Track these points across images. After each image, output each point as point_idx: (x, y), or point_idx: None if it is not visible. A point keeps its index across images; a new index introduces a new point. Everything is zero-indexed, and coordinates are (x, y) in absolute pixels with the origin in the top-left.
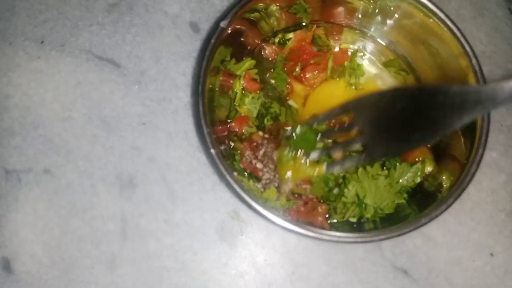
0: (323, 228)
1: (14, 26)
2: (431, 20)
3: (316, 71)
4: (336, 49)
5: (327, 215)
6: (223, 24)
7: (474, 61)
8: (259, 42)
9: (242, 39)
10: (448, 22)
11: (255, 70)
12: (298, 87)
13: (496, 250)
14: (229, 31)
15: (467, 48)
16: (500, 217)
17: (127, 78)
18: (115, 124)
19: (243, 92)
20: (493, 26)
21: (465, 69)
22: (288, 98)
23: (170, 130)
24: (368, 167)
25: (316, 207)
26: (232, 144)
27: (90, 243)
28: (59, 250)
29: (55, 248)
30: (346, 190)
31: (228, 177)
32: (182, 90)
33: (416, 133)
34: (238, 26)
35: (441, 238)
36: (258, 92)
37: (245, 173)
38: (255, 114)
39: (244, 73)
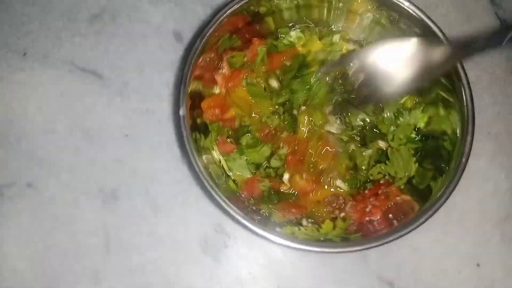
0: None
1: None
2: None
3: None
4: None
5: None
6: (181, 112)
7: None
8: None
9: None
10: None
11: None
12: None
13: (482, 261)
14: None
15: None
16: (487, 227)
17: (110, 89)
18: (98, 136)
19: (225, 158)
20: (480, 32)
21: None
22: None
23: (153, 142)
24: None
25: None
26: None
27: (73, 257)
28: (42, 264)
29: (38, 263)
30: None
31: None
32: (165, 101)
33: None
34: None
35: (427, 249)
36: (235, 151)
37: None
38: (249, 174)
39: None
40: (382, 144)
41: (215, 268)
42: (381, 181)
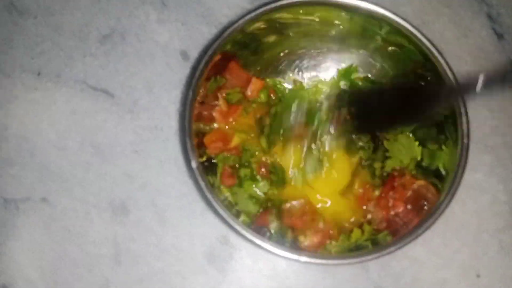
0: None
1: (12, 59)
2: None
3: None
4: None
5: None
6: (194, 165)
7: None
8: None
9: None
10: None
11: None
12: None
13: (482, 272)
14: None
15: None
16: (485, 238)
17: (120, 107)
18: (108, 152)
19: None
20: (477, 47)
21: None
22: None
23: (161, 158)
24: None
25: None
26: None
27: (84, 267)
28: (54, 275)
29: (50, 273)
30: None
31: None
32: (173, 119)
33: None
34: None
35: (427, 260)
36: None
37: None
38: (254, 210)
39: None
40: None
41: (220, 279)
42: (394, 174)
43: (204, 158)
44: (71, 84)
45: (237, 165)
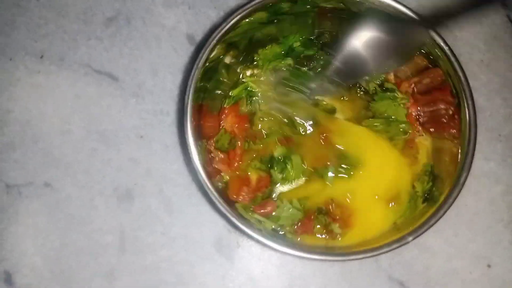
0: None
1: (15, 41)
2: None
3: None
4: None
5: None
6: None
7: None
8: None
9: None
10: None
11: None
12: None
13: (493, 262)
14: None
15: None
16: (497, 228)
17: (124, 91)
18: (113, 137)
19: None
20: (491, 34)
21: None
22: None
23: (167, 143)
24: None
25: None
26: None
27: (89, 255)
28: (59, 262)
29: (55, 261)
30: None
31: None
32: (179, 102)
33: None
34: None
35: (438, 249)
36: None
37: None
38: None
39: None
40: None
41: (228, 267)
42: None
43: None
44: (75, 68)
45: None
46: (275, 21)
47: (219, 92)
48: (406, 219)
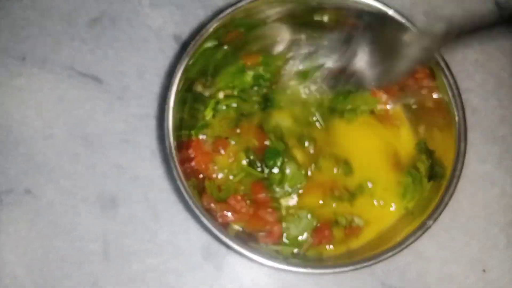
0: None
1: None
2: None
3: None
4: None
5: None
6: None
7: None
8: None
9: None
10: None
11: None
12: None
13: (489, 266)
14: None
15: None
16: (493, 232)
17: (109, 94)
18: (98, 142)
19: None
20: (485, 34)
21: None
22: None
23: (153, 148)
24: None
25: None
26: None
27: (73, 264)
28: (41, 271)
29: (37, 270)
30: None
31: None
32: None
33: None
34: None
35: (433, 254)
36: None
37: None
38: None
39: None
40: None
41: (217, 276)
42: None
43: None
44: (58, 70)
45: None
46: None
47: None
48: (417, 202)
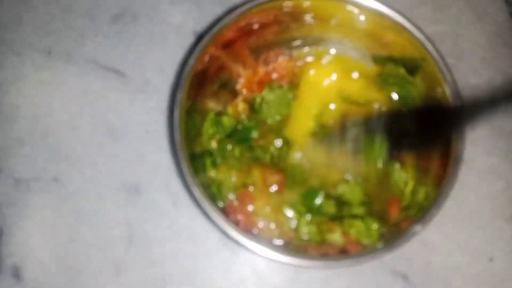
0: None
1: (21, 37)
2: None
3: None
4: None
5: None
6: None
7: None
8: None
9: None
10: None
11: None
12: None
13: (495, 256)
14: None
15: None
16: (499, 223)
17: (131, 87)
18: (121, 133)
19: None
20: (493, 31)
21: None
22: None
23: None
24: None
25: None
26: None
27: (96, 249)
28: (66, 257)
29: (62, 255)
30: None
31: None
32: None
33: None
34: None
35: (440, 244)
36: None
37: None
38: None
39: None
40: None
41: (233, 260)
42: None
43: None
44: (82, 64)
45: None
46: None
47: None
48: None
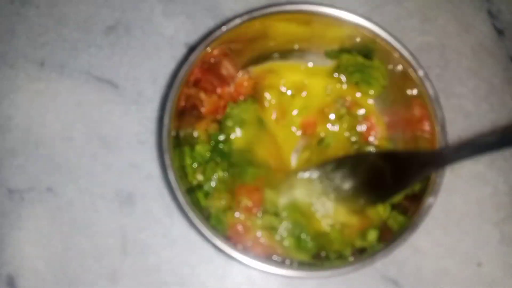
0: None
1: (15, 49)
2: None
3: None
4: None
5: None
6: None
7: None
8: None
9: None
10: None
11: None
12: None
13: (483, 260)
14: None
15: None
16: (487, 228)
17: (125, 98)
18: (114, 143)
19: None
20: (478, 42)
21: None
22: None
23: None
24: None
25: None
26: None
27: (92, 258)
28: (61, 266)
29: (57, 264)
30: None
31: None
32: None
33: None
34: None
35: (429, 249)
36: None
37: None
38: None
39: None
40: None
41: (228, 267)
42: None
43: None
44: (76, 75)
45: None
46: None
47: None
48: None
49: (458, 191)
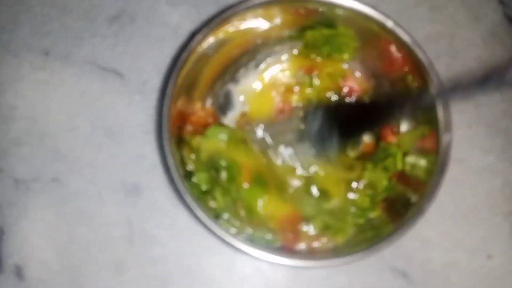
0: None
1: (19, 38)
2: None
3: None
4: None
5: None
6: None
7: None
8: None
9: None
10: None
11: None
12: None
13: (493, 253)
14: None
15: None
16: (497, 220)
17: (130, 88)
18: (119, 133)
19: None
20: (489, 31)
21: None
22: None
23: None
24: None
25: None
26: None
27: (98, 248)
28: (68, 256)
29: (64, 254)
30: None
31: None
32: None
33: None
34: None
35: (438, 241)
36: None
37: None
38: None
39: None
40: None
41: (235, 258)
42: None
43: None
44: (80, 65)
45: None
46: None
47: None
48: None
49: (468, 182)
